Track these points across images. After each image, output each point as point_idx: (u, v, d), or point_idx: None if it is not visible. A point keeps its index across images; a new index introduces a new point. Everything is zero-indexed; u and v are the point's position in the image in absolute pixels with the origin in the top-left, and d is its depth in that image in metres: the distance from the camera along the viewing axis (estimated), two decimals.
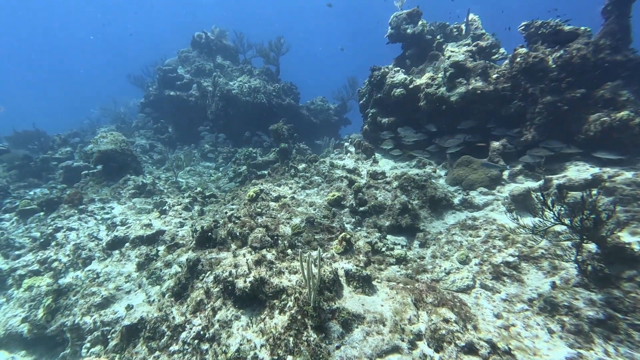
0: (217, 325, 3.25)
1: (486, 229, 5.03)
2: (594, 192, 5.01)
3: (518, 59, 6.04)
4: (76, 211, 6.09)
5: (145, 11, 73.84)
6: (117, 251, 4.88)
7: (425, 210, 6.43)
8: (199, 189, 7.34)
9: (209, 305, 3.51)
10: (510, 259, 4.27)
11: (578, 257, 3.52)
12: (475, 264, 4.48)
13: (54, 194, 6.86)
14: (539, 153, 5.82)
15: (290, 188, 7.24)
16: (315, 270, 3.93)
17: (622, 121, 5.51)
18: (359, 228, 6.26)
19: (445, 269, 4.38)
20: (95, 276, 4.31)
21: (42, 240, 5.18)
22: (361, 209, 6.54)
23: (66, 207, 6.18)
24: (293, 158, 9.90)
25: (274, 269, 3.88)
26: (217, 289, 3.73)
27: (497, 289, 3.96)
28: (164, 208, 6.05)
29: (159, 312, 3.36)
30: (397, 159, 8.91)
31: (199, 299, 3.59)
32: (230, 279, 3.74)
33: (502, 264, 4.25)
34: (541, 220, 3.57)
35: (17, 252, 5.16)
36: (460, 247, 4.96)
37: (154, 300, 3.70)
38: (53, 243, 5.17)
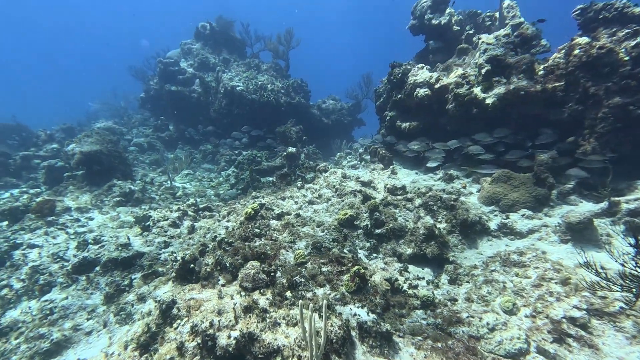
0: None
1: (537, 268, 4.18)
2: None
3: (577, 51, 5.14)
4: (44, 223, 5.53)
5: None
6: (84, 277, 4.28)
7: (455, 236, 5.61)
8: (191, 200, 6.72)
9: None
10: (576, 313, 3.41)
11: None
12: (526, 316, 3.65)
13: (22, 201, 6.31)
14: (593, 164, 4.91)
15: (296, 202, 6.53)
16: (319, 325, 3.19)
17: None
18: (374, 255, 5.49)
19: (488, 323, 3.56)
20: (49, 312, 3.70)
21: None
22: (377, 231, 5.77)
23: (33, 218, 5.62)
24: (301, 165, 9.21)
25: (268, 320, 3.16)
26: (193, 344, 3.04)
27: (561, 357, 3.12)
28: (147, 224, 5.45)
29: None
30: (419, 171, 8.08)
31: (168, 357, 2.91)
32: (211, 331, 3.05)
33: (564, 320, 3.40)
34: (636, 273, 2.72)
35: None
36: (504, 289, 4.13)
37: (113, 353, 3.05)
38: (8, 263, 4.61)
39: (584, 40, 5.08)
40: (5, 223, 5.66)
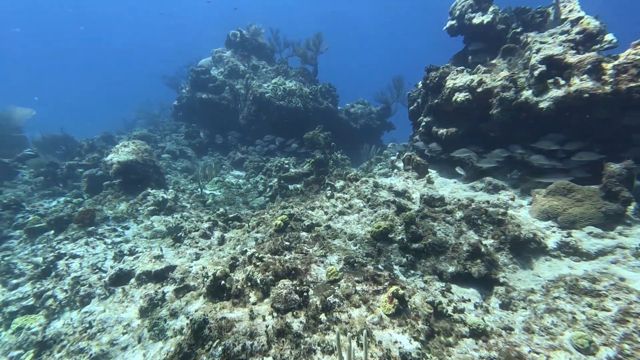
0: None
1: (618, 299, 3.58)
2: None
3: None
4: (84, 233, 5.81)
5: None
6: (120, 289, 4.37)
7: (505, 254, 5.07)
8: (221, 209, 6.75)
9: None
10: None
11: None
12: (609, 359, 3.10)
13: (66, 210, 6.72)
14: None
15: (326, 213, 6.31)
16: (359, 355, 2.93)
17: None
18: (411, 272, 5.10)
19: None
20: (88, 325, 3.78)
21: (43, 267, 4.88)
22: (414, 245, 5.38)
23: (75, 228, 5.94)
24: (330, 172, 9.01)
25: (302, 347, 2.95)
26: None
27: None
28: (179, 235, 5.51)
29: None
30: (458, 180, 7.55)
31: None
32: (243, 355, 2.89)
33: None
34: None
35: (15, 281, 4.83)
36: (574, 322, 3.58)
37: None
38: (53, 273, 4.86)
39: None
40: (52, 232, 6.04)
